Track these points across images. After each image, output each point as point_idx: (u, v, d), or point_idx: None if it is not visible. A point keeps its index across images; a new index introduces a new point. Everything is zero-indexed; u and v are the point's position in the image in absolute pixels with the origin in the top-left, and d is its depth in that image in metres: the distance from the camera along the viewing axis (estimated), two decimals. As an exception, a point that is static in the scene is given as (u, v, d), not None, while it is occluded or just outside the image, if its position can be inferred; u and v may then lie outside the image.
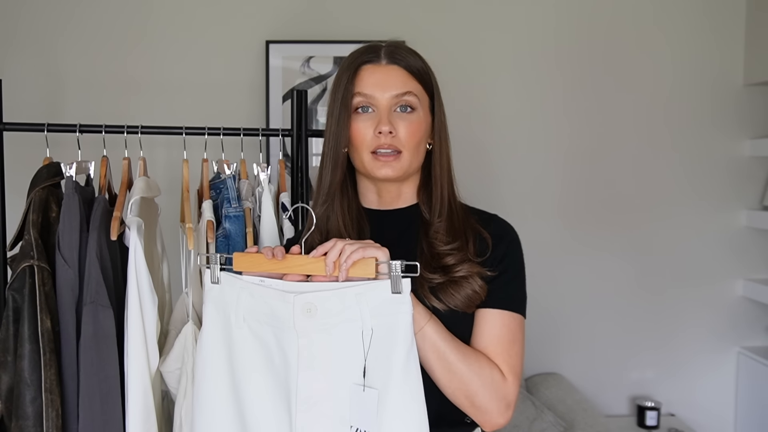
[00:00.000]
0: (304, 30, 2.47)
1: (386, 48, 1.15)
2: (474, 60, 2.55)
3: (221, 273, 1.11)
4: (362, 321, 1.02)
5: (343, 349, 1.03)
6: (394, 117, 1.12)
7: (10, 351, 1.32)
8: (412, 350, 1.01)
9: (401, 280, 1.01)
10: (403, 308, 1.01)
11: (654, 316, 2.67)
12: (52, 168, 1.46)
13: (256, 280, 1.08)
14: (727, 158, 2.66)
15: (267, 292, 1.06)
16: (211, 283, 1.11)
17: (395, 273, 1.01)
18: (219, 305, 1.10)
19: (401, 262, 1.01)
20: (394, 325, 1.01)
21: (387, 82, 1.12)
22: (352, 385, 1.02)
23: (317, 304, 1.03)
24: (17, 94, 1.98)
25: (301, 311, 1.03)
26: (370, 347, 1.02)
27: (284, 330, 1.05)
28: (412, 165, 1.14)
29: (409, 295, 1.01)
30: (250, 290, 1.08)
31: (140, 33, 2.45)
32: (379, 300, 1.01)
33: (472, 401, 1.06)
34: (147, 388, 1.35)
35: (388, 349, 1.01)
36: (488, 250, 1.13)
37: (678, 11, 2.61)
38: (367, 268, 1.02)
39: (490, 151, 2.57)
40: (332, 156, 1.15)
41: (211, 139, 1.65)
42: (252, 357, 1.08)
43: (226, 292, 1.10)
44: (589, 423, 2.24)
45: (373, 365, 1.02)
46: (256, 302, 1.07)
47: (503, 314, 1.11)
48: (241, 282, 1.09)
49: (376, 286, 1.01)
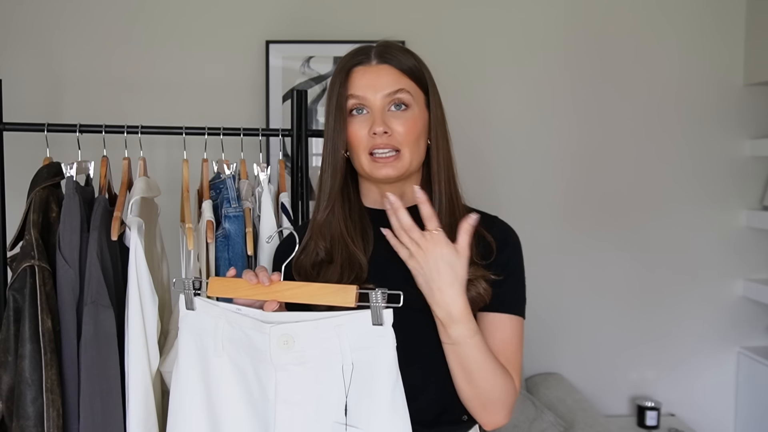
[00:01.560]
0: (304, 30, 2.47)
1: (376, 48, 1.14)
2: (474, 60, 2.55)
3: (196, 299, 1.06)
4: (342, 355, 0.96)
5: (323, 384, 0.98)
6: (388, 116, 1.11)
7: (10, 351, 1.32)
8: (398, 385, 0.95)
9: (383, 311, 0.94)
10: (385, 342, 0.95)
11: (654, 316, 2.67)
12: (52, 168, 1.46)
13: (233, 307, 1.03)
14: (727, 158, 2.66)
15: (244, 321, 1.01)
16: (186, 309, 1.06)
17: (376, 303, 0.94)
18: (195, 332, 1.06)
19: (382, 292, 0.94)
20: (376, 359, 0.95)
21: (378, 81, 1.11)
22: (333, 424, 0.96)
23: (294, 335, 0.97)
24: (17, 94, 1.98)
25: (278, 343, 0.98)
26: (351, 383, 0.96)
27: (262, 362, 1.00)
28: (412, 162, 1.13)
29: (391, 328, 0.94)
30: (227, 318, 1.03)
31: (140, 33, 2.45)
32: (359, 332, 0.95)
33: (485, 406, 1.07)
34: (148, 388, 1.35)
35: (370, 385, 0.96)
36: (492, 254, 1.12)
37: (678, 12, 2.61)
38: (346, 296, 0.95)
39: (490, 151, 2.57)
40: (331, 161, 1.14)
41: (211, 139, 1.65)
42: (231, 387, 1.04)
43: (202, 319, 1.05)
44: (589, 423, 2.24)
45: (356, 402, 0.96)
46: (234, 331, 1.02)
47: (511, 319, 1.12)
48: (218, 309, 1.04)
49: (356, 317, 0.96)
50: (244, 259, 1.47)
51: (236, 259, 1.47)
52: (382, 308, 0.94)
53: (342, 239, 1.14)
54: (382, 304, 0.94)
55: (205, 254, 1.46)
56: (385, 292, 0.94)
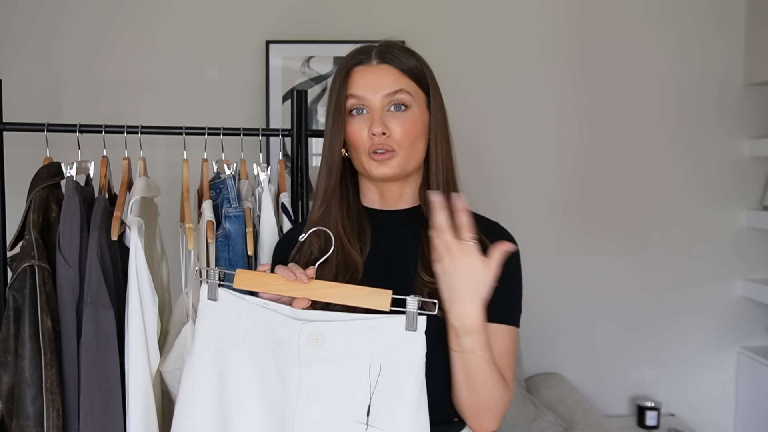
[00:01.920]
0: (304, 30, 2.47)
1: (377, 48, 1.14)
2: (475, 60, 2.55)
3: (220, 290, 1.05)
4: (371, 356, 0.97)
5: (348, 383, 0.98)
6: (387, 117, 1.10)
7: (10, 351, 1.32)
8: (423, 393, 0.96)
9: (417, 318, 0.95)
10: (416, 347, 0.95)
11: (654, 316, 2.67)
12: (52, 168, 1.46)
13: (260, 302, 1.02)
14: (727, 158, 2.66)
15: (271, 316, 1.01)
16: (208, 300, 1.05)
17: (411, 309, 0.95)
18: (215, 324, 1.05)
19: (419, 299, 0.95)
20: (405, 364, 0.96)
21: (378, 82, 1.11)
22: (353, 423, 0.96)
23: (325, 334, 0.98)
24: (17, 94, 1.98)
25: (308, 340, 0.98)
26: (377, 385, 0.96)
27: (287, 358, 1.00)
28: (409, 163, 1.12)
29: (423, 334, 0.95)
30: (252, 312, 1.02)
31: (140, 33, 2.45)
32: (391, 336, 0.96)
33: (481, 413, 1.07)
34: (148, 388, 1.35)
35: (396, 388, 0.96)
36: None
37: (678, 11, 2.61)
38: (381, 300, 0.96)
39: (489, 151, 2.57)
40: (328, 159, 1.14)
41: (211, 139, 1.65)
42: (247, 382, 1.03)
43: (224, 310, 1.04)
44: (589, 423, 2.24)
45: (379, 404, 0.96)
46: (258, 325, 1.02)
47: (506, 329, 1.12)
48: (243, 302, 1.04)
49: (389, 321, 0.96)
50: (245, 259, 1.47)
51: (236, 259, 1.47)
52: (417, 315, 0.95)
53: (338, 239, 1.14)
54: (417, 310, 0.95)
55: (205, 254, 1.46)
56: (421, 299, 0.95)
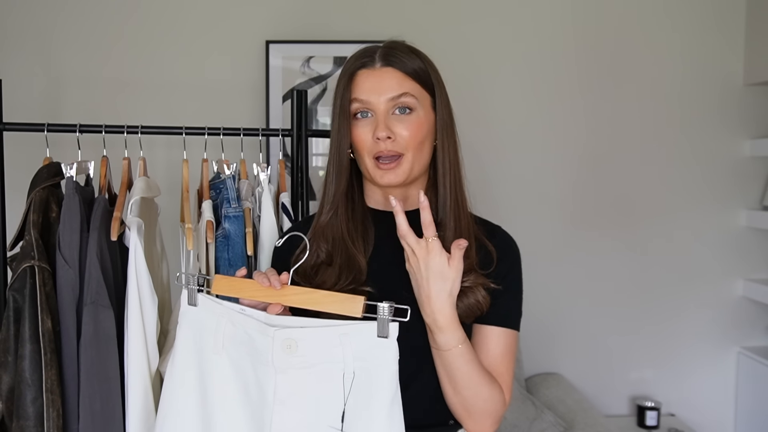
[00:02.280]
0: (304, 30, 2.47)
1: (381, 50, 1.13)
2: (475, 60, 2.55)
3: (200, 295, 1.06)
4: (344, 363, 0.97)
5: (322, 389, 0.98)
6: (392, 120, 1.10)
7: (10, 351, 1.32)
8: (396, 397, 0.96)
9: (389, 324, 0.94)
10: (388, 354, 0.95)
11: (654, 316, 2.67)
12: (52, 168, 1.46)
13: (237, 307, 1.03)
14: (727, 158, 2.66)
15: (247, 322, 1.02)
16: (188, 305, 1.06)
17: (383, 316, 0.94)
18: (195, 328, 1.06)
19: (390, 305, 0.94)
20: (378, 371, 0.96)
21: (382, 85, 1.10)
22: (328, 428, 0.97)
23: (298, 340, 0.98)
24: (17, 94, 1.98)
25: (281, 346, 0.98)
26: (351, 391, 0.97)
27: (262, 363, 1.01)
28: (415, 167, 1.12)
29: (395, 341, 0.95)
30: (230, 317, 1.03)
31: (140, 33, 2.45)
32: (363, 343, 0.96)
33: (469, 413, 1.07)
34: (147, 388, 1.35)
35: (370, 395, 0.96)
36: (492, 263, 1.12)
37: (678, 12, 2.61)
38: (353, 306, 0.96)
39: (492, 151, 2.57)
40: (336, 163, 1.14)
41: (211, 139, 1.65)
42: (227, 386, 1.04)
43: (204, 316, 1.05)
44: (589, 423, 2.24)
45: (353, 410, 0.97)
46: (236, 330, 1.03)
47: (506, 332, 1.12)
48: (221, 308, 1.04)
49: (362, 328, 0.96)
50: (244, 259, 1.47)
51: (236, 259, 1.47)
52: (389, 321, 0.94)
53: (342, 241, 1.14)
54: (389, 317, 0.94)
55: (204, 254, 1.46)
56: (392, 305, 0.94)
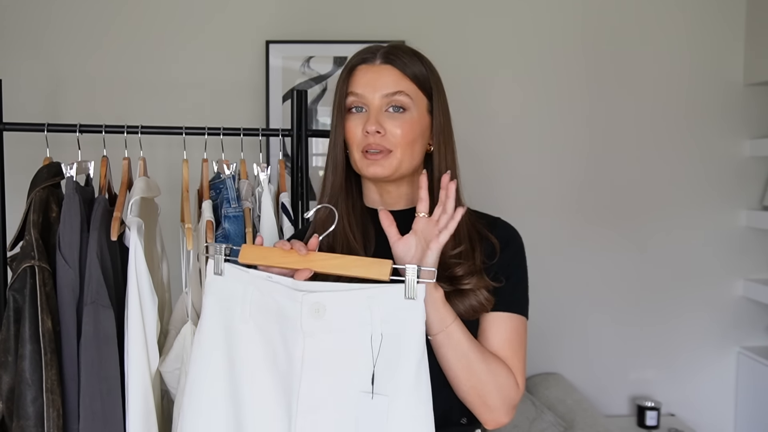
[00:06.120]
0: (304, 30, 2.47)
1: (384, 49, 1.14)
2: (475, 59, 2.55)
3: (226, 264, 1.07)
4: (372, 326, 0.98)
5: (351, 353, 0.99)
6: (384, 117, 1.10)
7: (11, 351, 1.32)
8: (423, 359, 0.97)
9: (416, 286, 0.96)
10: (415, 315, 0.97)
11: (654, 316, 2.67)
12: (52, 168, 1.46)
13: (264, 275, 1.04)
14: (727, 158, 2.66)
15: (275, 288, 1.03)
16: (214, 275, 1.07)
17: (411, 278, 0.96)
18: (222, 298, 1.07)
19: (417, 267, 0.97)
20: (406, 332, 0.97)
21: (378, 81, 1.11)
22: (359, 393, 0.98)
23: (327, 304, 0.99)
24: (17, 94, 1.98)
25: (309, 311, 1.00)
26: (379, 354, 0.98)
27: (291, 329, 1.01)
28: (403, 164, 1.12)
29: (423, 302, 0.97)
30: (257, 285, 1.04)
31: (140, 33, 2.45)
32: (391, 305, 0.98)
33: (484, 400, 1.06)
34: (147, 388, 1.35)
35: (397, 356, 0.97)
36: (496, 254, 1.13)
37: (678, 11, 2.61)
38: (381, 269, 0.98)
39: (492, 150, 2.56)
40: (332, 157, 1.15)
41: (211, 139, 1.65)
42: (255, 354, 1.04)
43: (230, 285, 1.06)
44: (589, 423, 2.24)
45: (382, 372, 0.98)
46: (264, 298, 1.04)
47: (512, 317, 1.12)
48: (247, 276, 1.05)
49: (388, 290, 0.98)
50: (244, 259, 1.47)
51: (236, 259, 1.47)
52: (416, 283, 0.96)
53: (344, 235, 1.14)
54: (416, 278, 0.96)
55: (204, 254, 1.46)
56: (419, 267, 0.97)
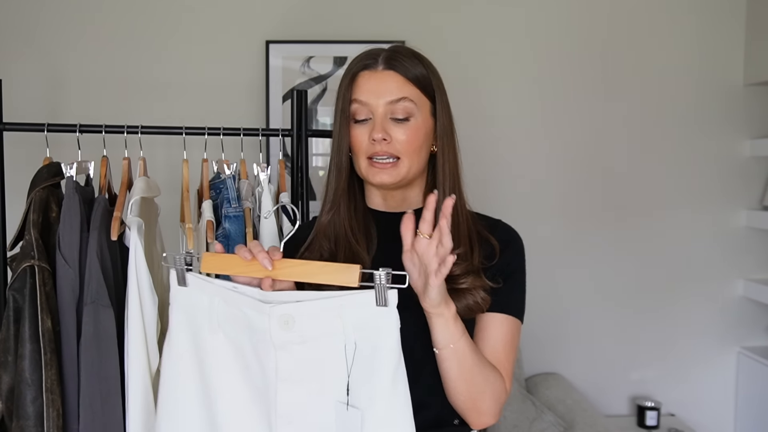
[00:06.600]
0: (304, 30, 2.47)
1: (385, 53, 1.13)
2: (474, 61, 2.55)
3: (189, 275, 1.02)
4: (345, 334, 0.94)
5: (325, 363, 0.96)
6: (390, 124, 1.10)
7: (10, 351, 1.32)
8: (400, 367, 0.93)
9: (387, 292, 0.90)
10: (388, 322, 0.92)
11: (654, 316, 2.67)
12: (52, 168, 1.46)
13: (229, 285, 0.99)
14: (727, 158, 2.66)
15: (242, 300, 0.98)
16: (178, 286, 1.02)
17: (380, 283, 0.90)
18: (188, 310, 1.03)
19: (387, 272, 0.90)
20: (380, 340, 0.93)
21: (382, 88, 1.11)
22: (336, 403, 0.95)
23: (295, 315, 0.95)
24: (17, 94, 1.98)
25: (278, 323, 0.95)
26: (354, 363, 0.94)
27: (261, 341, 0.98)
28: (411, 170, 1.12)
29: (395, 309, 0.92)
30: (223, 296, 1.00)
31: (140, 33, 2.45)
32: (363, 313, 0.93)
33: (477, 405, 1.06)
34: (147, 388, 1.35)
35: (373, 365, 0.94)
36: (495, 256, 1.13)
37: (678, 11, 2.61)
38: (349, 275, 0.92)
39: (490, 151, 2.56)
40: (336, 162, 1.15)
41: (211, 139, 1.65)
42: (227, 365, 1.01)
43: (195, 296, 1.02)
44: (589, 423, 2.24)
45: (358, 382, 0.95)
46: (230, 309, 1.00)
47: (507, 319, 1.12)
48: (212, 286, 1.01)
49: (359, 297, 0.93)
50: (244, 259, 1.47)
51: (236, 259, 1.47)
52: (387, 289, 0.90)
53: (346, 238, 1.14)
54: (386, 284, 0.90)
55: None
56: (389, 272, 0.90)
